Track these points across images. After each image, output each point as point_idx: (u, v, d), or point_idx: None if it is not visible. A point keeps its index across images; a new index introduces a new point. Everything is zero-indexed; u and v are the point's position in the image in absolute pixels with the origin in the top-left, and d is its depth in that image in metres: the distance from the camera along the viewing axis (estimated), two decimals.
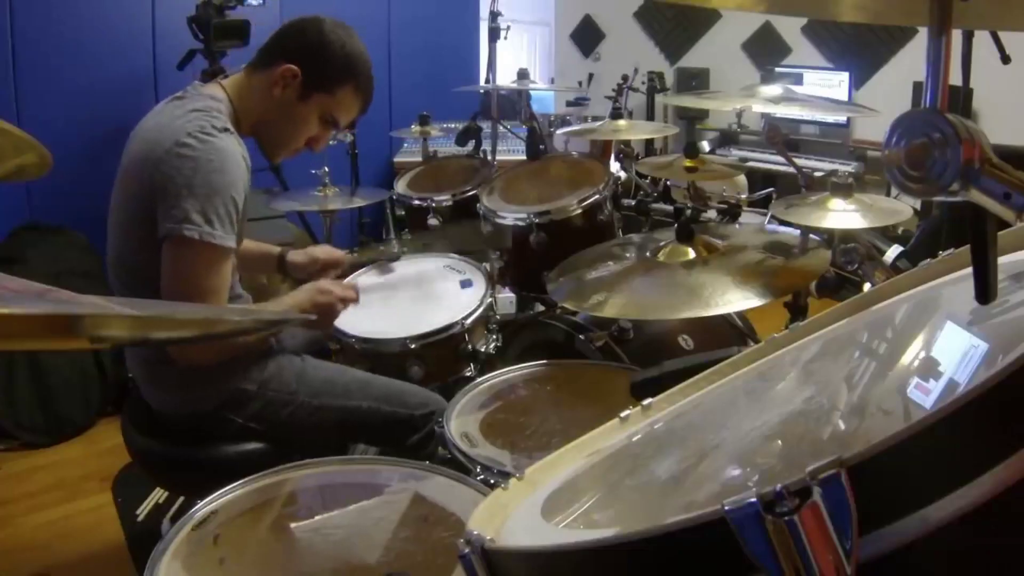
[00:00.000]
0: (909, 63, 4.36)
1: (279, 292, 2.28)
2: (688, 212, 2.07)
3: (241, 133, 1.52)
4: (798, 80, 4.60)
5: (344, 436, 1.68)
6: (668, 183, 2.57)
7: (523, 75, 2.81)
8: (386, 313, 1.92)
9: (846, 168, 4.17)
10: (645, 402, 0.88)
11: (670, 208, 2.22)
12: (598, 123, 2.54)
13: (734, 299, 1.28)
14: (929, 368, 0.65)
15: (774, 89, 1.87)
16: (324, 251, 1.91)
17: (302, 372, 1.61)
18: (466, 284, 2.01)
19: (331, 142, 2.70)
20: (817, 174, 2.59)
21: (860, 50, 4.61)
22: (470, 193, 2.25)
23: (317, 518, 1.10)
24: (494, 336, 1.95)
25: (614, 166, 2.62)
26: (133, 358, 1.59)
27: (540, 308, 2.32)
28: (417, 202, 2.30)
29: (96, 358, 2.88)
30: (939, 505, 0.41)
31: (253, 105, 1.53)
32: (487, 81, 3.09)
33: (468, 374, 1.85)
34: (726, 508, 0.41)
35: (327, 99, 1.53)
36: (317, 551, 1.04)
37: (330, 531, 1.07)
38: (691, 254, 1.47)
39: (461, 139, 2.58)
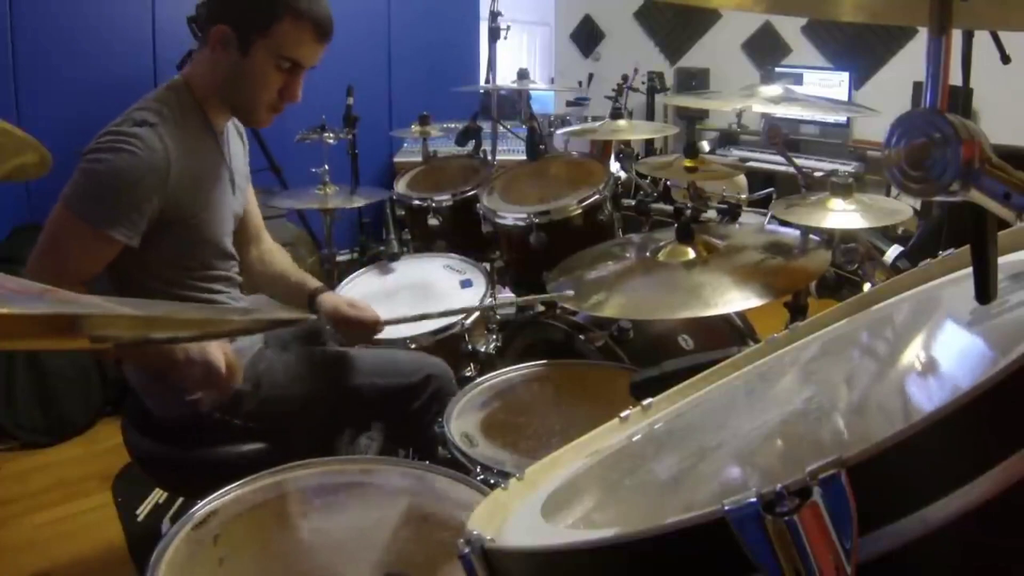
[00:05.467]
0: (909, 63, 4.35)
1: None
2: (688, 212, 2.07)
3: (214, 112, 1.51)
4: (798, 80, 4.60)
5: (345, 419, 1.68)
6: (668, 183, 2.57)
7: (523, 75, 2.81)
8: (386, 313, 1.92)
9: (846, 168, 4.16)
10: (645, 402, 0.88)
11: (670, 208, 2.23)
12: (598, 123, 2.54)
13: (734, 299, 1.29)
14: (929, 368, 0.65)
15: (774, 89, 1.87)
16: (354, 309, 1.65)
17: (290, 364, 1.61)
18: (466, 284, 2.01)
19: (330, 140, 2.73)
20: (817, 174, 2.59)
21: (860, 50, 4.61)
22: (470, 193, 2.25)
23: (317, 518, 1.10)
24: (494, 336, 1.95)
25: (614, 166, 2.62)
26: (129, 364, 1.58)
27: (540, 308, 2.32)
28: (417, 202, 2.30)
29: (95, 355, 2.88)
30: (939, 505, 0.41)
31: (209, 80, 1.48)
32: (487, 81, 3.09)
33: (468, 374, 1.86)
34: (726, 508, 0.41)
35: (269, 42, 1.42)
36: (317, 551, 1.04)
37: (330, 531, 1.07)
38: (691, 254, 1.47)
39: (461, 139, 2.58)
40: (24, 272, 1.36)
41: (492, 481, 1.18)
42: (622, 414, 0.86)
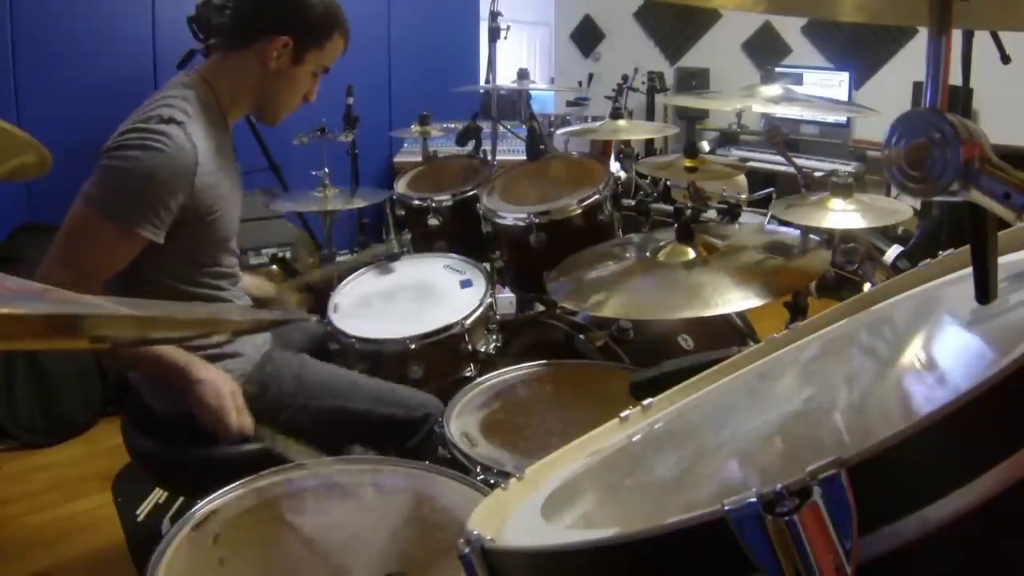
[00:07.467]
0: (909, 63, 4.35)
1: (287, 301, 2.27)
2: (688, 212, 2.07)
3: (232, 112, 1.55)
4: (798, 80, 4.60)
5: (341, 438, 1.68)
6: (668, 183, 2.57)
7: (523, 75, 2.81)
8: (386, 313, 1.92)
9: (846, 168, 4.17)
10: (645, 402, 0.88)
11: (670, 208, 2.22)
12: (598, 123, 2.54)
13: (734, 299, 1.29)
14: (929, 368, 0.65)
15: (774, 89, 1.87)
16: (256, 287, 1.85)
17: (300, 373, 1.61)
18: (466, 284, 2.01)
19: (333, 139, 2.73)
20: (817, 174, 2.59)
21: (860, 50, 4.61)
22: (470, 193, 2.24)
23: (317, 518, 1.10)
24: (494, 336, 1.95)
25: (614, 166, 2.62)
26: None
27: (540, 308, 2.32)
28: (417, 202, 2.30)
29: (96, 358, 2.88)
30: (939, 505, 0.41)
31: (248, 85, 1.54)
32: (487, 81, 3.09)
33: (468, 374, 1.85)
34: (726, 508, 0.41)
35: (319, 54, 1.55)
36: (317, 551, 1.04)
37: (330, 531, 1.07)
38: (691, 254, 1.47)
39: (461, 139, 2.58)
40: (39, 272, 1.37)
41: (492, 481, 1.18)
42: (622, 414, 0.86)
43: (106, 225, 1.35)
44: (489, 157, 2.70)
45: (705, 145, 3.89)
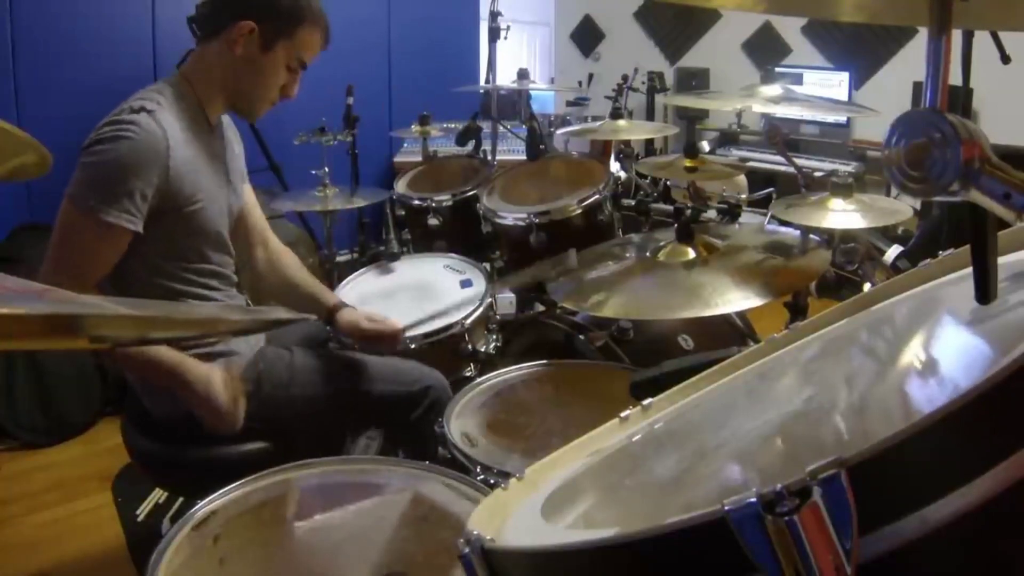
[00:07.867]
0: (909, 63, 4.35)
1: None
2: (688, 212, 2.07)
3: (211, 105, 1.55)
4: (798, 80, 4.59)
5: (345, 423, 1.68)
6: (668, 183, 2.57)
7: (523, 75, 2.81)
8: (386, 313, 1.92)
9: (846, 168, 4.16)
10: (645, 402, 0.88)
11: (670, 208, 2.22)
12: (598, 123, 2.54)
13: (734, 299, 1.29)
14: (929, 368, 0.65)
15: (774, 89, 1.87)
16: (374, 323, 1.70)
17: (292, 364, 1.61)
18: (466, 284, 2.01)
19: (331, 142, 2.73)
20: (817, 174, 2.59)
21: (860, 50, 4.61)
22: (470, 193, 2.25)
23: (317, 518, 1.10)
24: (494, 336, 1.95)
25: (614, 166, 2.62)
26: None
27: (540, 308, 2.32)
28: (417, 202, 2.30)
29: (96, 358, 2.88)
30: (939, 505, 0.41)
31: (218, 73, 1.53)
32: (487, 81, 3.09)
33: (468, 374, 1.85)
34: (726, 508, 0.41)
35: (289, 44, 1.52)
36: (317, 551, 1.04)
37: (330, 531, 1.07)
38: (691, 254, 1.47)
39: (461, 139, 2.58)
40: (38, 276, 1.37)
41: (492, 481, 1.18)
42: (622, 414, 0.86)
43: (85, 221, 1.35)
44: (489, 157, 2.70)
45: (705, 145, 3.89)
